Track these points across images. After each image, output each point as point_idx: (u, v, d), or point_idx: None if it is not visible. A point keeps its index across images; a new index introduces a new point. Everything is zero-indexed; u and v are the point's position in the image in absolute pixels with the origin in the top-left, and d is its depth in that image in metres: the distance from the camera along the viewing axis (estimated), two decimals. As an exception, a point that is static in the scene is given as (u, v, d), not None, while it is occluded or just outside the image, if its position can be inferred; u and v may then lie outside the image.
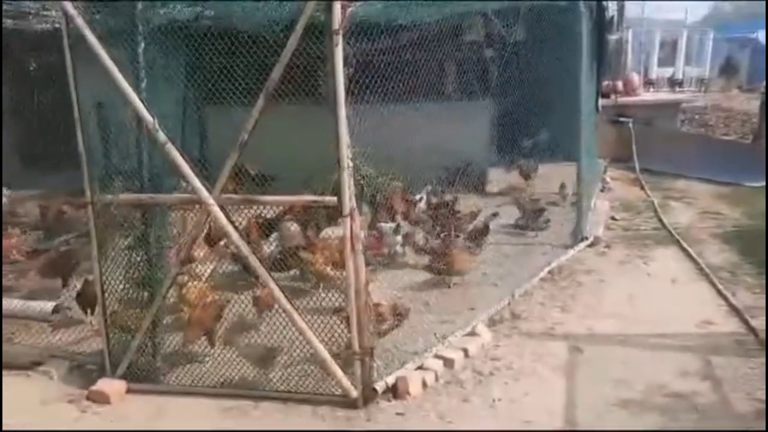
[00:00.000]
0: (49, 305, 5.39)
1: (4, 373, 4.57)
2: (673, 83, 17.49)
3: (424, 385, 4.30)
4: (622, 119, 12.54)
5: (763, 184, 9.67)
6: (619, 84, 14.32)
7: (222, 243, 5.76)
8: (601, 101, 11.60)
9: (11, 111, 8.95)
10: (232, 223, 4.11)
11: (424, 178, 8.18)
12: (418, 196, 7.86)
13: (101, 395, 4.23)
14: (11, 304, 5.51)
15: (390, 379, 4.22)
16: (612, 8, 12.32)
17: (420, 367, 4.42)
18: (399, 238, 6.65)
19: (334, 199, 3.83)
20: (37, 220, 7.46)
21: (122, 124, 4.24)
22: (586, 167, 7.65)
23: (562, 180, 8.60)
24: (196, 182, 4.03)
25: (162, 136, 3.99)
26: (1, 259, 5.84)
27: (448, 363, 4.54)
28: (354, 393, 4.05)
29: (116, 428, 4.00)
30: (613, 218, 8.54)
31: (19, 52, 6.65)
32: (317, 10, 3.64)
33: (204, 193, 4.02)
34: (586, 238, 7.28)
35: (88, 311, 5.07)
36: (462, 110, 9.40)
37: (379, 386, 4.15)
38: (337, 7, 3.57)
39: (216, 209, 4.03)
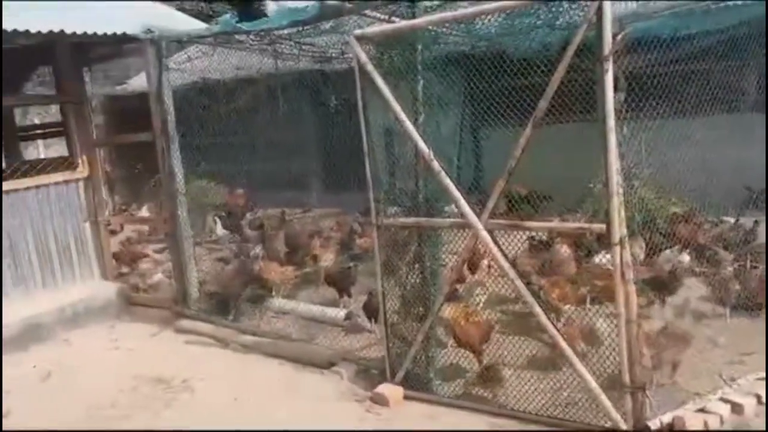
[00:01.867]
0: (342, 312, 6.11)
1: (307, 369, 5.31)
2: None
3: (706, 429, 3.92)
4: None
5: None
6: None
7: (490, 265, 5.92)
8: None
9: (316, 141, 10.44)
10: (499, 247, 4.22)
11: (719, 200, 7.42)
12: (711, 220, 7.19)
13: (382, 398, 4.67)
14: (311, 309, 6.38)
15: (666, 418, 3.94)
16: None
17: (701, 410, 4.04)
18: (685, 256, 6.16)
19: (603, 226, 3.70)
20: (336, 235, 8.47)
21: (403, 152, 4.66)
22: None
23: None
24: (466, 208, 4.23)
25: (436, 165, 4.27)
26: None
27: (737, 408, 4.07)
28: (623, 426, 3.86)
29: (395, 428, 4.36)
30: None
31: (323, 91, 7.72)
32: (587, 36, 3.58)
33: (473, 218, 4.20)
34: None
35: (372, 320, 5.64)
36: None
37: (653, 423, 3.89)
38: (608, 32, 3.47)
39: (484, 234, 4.17)
